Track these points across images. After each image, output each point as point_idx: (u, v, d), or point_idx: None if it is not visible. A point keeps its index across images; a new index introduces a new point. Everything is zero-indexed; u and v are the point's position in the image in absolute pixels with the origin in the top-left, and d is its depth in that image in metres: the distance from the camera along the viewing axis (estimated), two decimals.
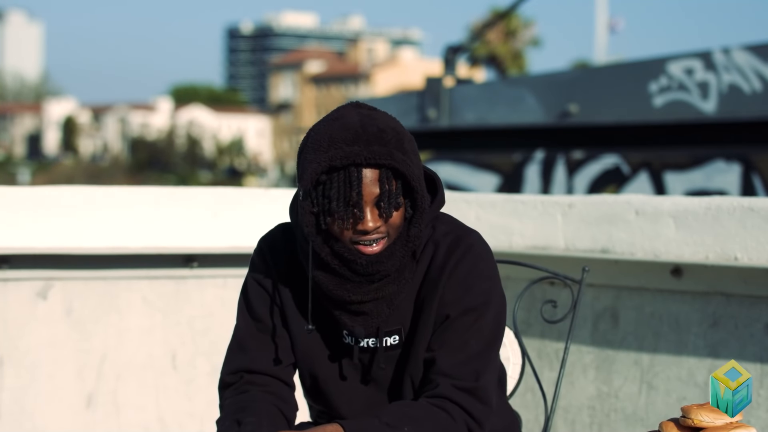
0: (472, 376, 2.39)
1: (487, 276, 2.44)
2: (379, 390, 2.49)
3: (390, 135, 2.34)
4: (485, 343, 2.42)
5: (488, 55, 55.86)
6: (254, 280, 2.51)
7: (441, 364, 2.40)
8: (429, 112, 12.19)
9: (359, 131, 2.32)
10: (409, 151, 2.36)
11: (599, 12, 53.94)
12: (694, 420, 2.25)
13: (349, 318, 2.42)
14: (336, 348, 2.49)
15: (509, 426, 2.65)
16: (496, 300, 2.44)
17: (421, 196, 2.36)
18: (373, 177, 2.32)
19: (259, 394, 2.46)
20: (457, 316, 2.40)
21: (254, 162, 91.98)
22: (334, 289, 2.39)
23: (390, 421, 2.31)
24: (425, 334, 2.43)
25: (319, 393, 2.53)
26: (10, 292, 4.10)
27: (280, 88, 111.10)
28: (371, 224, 2.33)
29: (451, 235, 2.45)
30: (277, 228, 2.56)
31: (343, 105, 2.42)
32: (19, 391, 4.11)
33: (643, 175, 10.82)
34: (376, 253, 2.34)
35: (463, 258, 2.42)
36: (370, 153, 2.30)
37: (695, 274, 3.73)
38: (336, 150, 2.30)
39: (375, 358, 2.46)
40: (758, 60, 9.97)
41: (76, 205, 4.19)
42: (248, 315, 2.51)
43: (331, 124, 2.36)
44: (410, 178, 2.34)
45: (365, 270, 2.36)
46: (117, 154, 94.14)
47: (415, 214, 2.38)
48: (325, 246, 2.37)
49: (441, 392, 2.38)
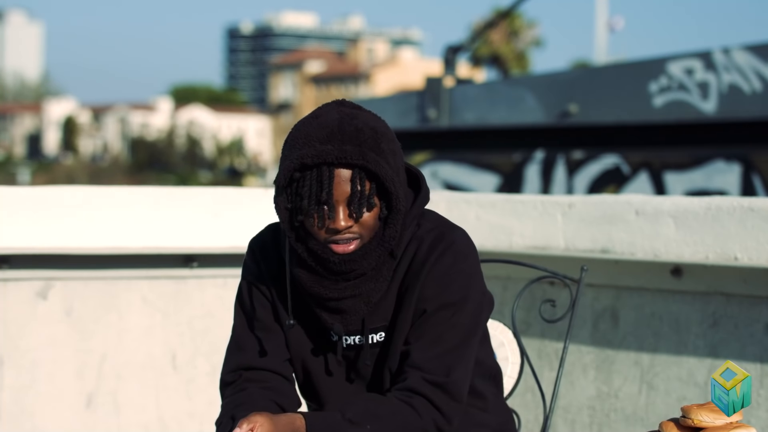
0: (443, 371, 2.39)
1: (467, 273, 2.44)
2: (365, 385, 2.51)
3: (366, 135, 2.34)
4: (460, 338, 2.42)
5: (491, 55, 55.91)
6: (247, 280, 2.55)
7: (414, 356, 2.41)
8: (429, 112, 12.19)
9: (335, 130, 2.33)
10: (386, 152, 2.35)
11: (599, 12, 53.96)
12: (694, 420, 2.25)
13: (328, 315, 2.44)
14: (324, 345, 2.51)
15: (505, 424, 2.65)
16: (474, 297, 2.44)
17: (396, 197, 2.36)
18: (346, 177, 2.32)
19: (257, 391, 2.47)
20: (434, 310, 2.41)
21: (254, 162, 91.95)
22: (312, 286, 2.41)
23: (353, 418, 2.32)
24: (404, 328, 2.44)
25: (311, 389, 2.56)
26: (10, 292, 4.10)
27: (280, 88, 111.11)
28: (342, 223, 2.33)
29: (434, 232, 2.45)
30: (267, 228, 2.58)
31: (327, 103, 2.43)
32: (19, 391, 4.11)
33: (643, 175, 10.82)
34: (348, 252, 2.36)
35: (443, 254, 2.42)
36: (341, 152, 2.31)
37: (695, 274, 3.73)
38: (309, 148, 2.32)
39: (361, 354, 2.47)
40: (758, 60, 9.97)
41: (76, 205, 4.19)
42: (243, 314, 2.54)
43: (310, 122, 2.37)
44: (383, 179, 2.33)
45: (338, 268, 2.37)
46: (117, 154, 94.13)
47: (390, 215, 2.38)
48: (300, 243, 2.39)
49: (410, 385, 2.38)
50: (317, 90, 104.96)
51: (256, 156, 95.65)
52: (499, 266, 3.86)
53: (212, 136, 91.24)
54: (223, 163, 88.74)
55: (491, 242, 4.22)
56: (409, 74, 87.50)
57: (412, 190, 2.49)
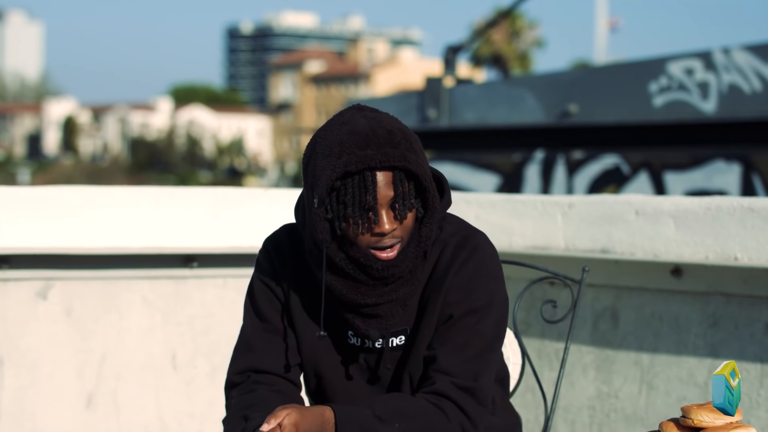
0: (472, 376, 2.39)
1: (492, 277, 2.44)
2: (383, 389, 2.50)
3: (399, 136, 2.34)
4: (486, 344, 2.42)
5: (493, 55, 55.92)
6: (260, 280, 2.51)
7: (441, 361, 2.40)
8: (429, 112, 12.19)
9: (370, 135, 2.32)
10: (418, 151, 2.37)
11: (599, 12, 53.98)
12: (694, 420, 2.25)
13: (362, 321, 2.42)
14: (342, 349, 2.49)
15: (512, 426, 2.66)
16: (499, 302, 2.45)
17: (432, 195, 2.37)
18: (387, 179, 2.32)
19: (267, 393, 2.46)
20: (461, 316, 2.41)
21: (254, 162, 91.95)
22: (348, 293, 2.39)
23: (382, 415, 2.32)
24: (427, 333, 2.43)
25: (324, 394, 2.53)
26: (10, 292, 4.10)
27: (280, 88, 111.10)
28: (387, 226, 2.33)
29: (457, 236, 2.45)
30: (283, 229, 2.56)
31: (346, 109, 2.41)
32: (19, 391, 4.11)
33: (643, 175, 10.82)
34: (392, 258, 2.35)
35: (468, 259, 2.42)
36: (383, 156, 2.31)
37: (695, 274, 3.73)
38: (349, 155, 2.30)
39: (382, 358, 2.46)
40: (758, 60, 9.97)
41: (75, 205, 4.19)
42: (255, 315, 2.51)
43: (339, 129, 2.35)
44: (422, 178, 2.34)
45: (380, 274, 2.36)
46: (117, 154, 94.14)
47: (426, 214, 2.38)
48: (340, 251, 2.37)
49: (439, 389, 2.38)
50: (317, 90, 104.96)
51: (256, 156, 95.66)
52: None
53: (212, 136, 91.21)
54: (223, 163, 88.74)
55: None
56: (409, 74, 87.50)
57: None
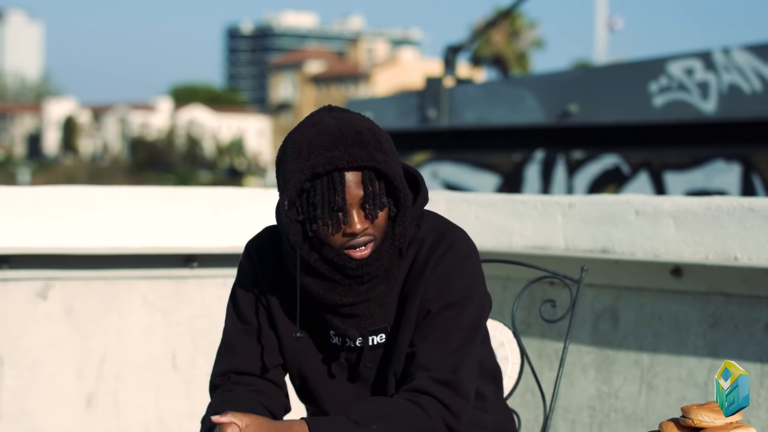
0: (450, 369, 2.40)
1: (469, 272, 2.45)
2: (366, 388, 2.51)
3: (368, 136, 2.35)
4: (465, 337, 2.43)
5: (493, 55, 55.93)
6: (241, 283, 2.54)
7: (420, 357, 2.41)
8: (429, 112, 12.19)
9: (337, 135, 2.33)
10: (388, 151, 2.37)
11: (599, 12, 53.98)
12: (694, 420, 2.25)
13: (340, 321, 2.43)
14: (323, 348, 2.50)
15: (505, 424, 2.66)
16: (477, 296, 2.46)
17: (403, 194, 2.38)
18: (356, 179, 2.33)
19: (243, 392, 2.48)
20: (439, 311, 2.42)
21: (254, 162, 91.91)
22: (325, 294, 2.40)
23: (359, 419, 2.32)
24: (408, 330, 2.44)
25: (309, 393, 2.55)
26: (10, 292, 4.10)
27: (280, 88, 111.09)
28: (359, 226, 2.34)
29: (434, 232, 2.46)
30: (264, 231, 2.57)
31: (317, 111, 2.43)
32: (19, 391, 4.11)
33: (643, 175, 10.82)
34: (365, 256, 2.36)
35: (446, 253, 2.43)
36: (351, 156, 2.32)
37: (695, 274, 3.73)
38: (317, 157, 2.31)
39: (362, 357, 2.47)
40: (758, 60, 9.97)
41: (76, 205, 4.19)
42: (236, 317, 2.53)
43: (308, 131, 2.36)
44: (392, 177, 2.35)
45: (355, 273, 2.37)
46: (117, 154, 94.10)
47: (399, 212, 2.39)
48: (313, 252, 2.38)
49: (418, 385, 2.39)
50: (317, 90, 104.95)
51: (256, 156, 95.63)
52: (499, 266, 3.86)
53: (212, 136, 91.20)
54: (223, 163, 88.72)
55: (491, 242, 4.22)
56: (409, 74, 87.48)
57: (410, 191, 2.49)
